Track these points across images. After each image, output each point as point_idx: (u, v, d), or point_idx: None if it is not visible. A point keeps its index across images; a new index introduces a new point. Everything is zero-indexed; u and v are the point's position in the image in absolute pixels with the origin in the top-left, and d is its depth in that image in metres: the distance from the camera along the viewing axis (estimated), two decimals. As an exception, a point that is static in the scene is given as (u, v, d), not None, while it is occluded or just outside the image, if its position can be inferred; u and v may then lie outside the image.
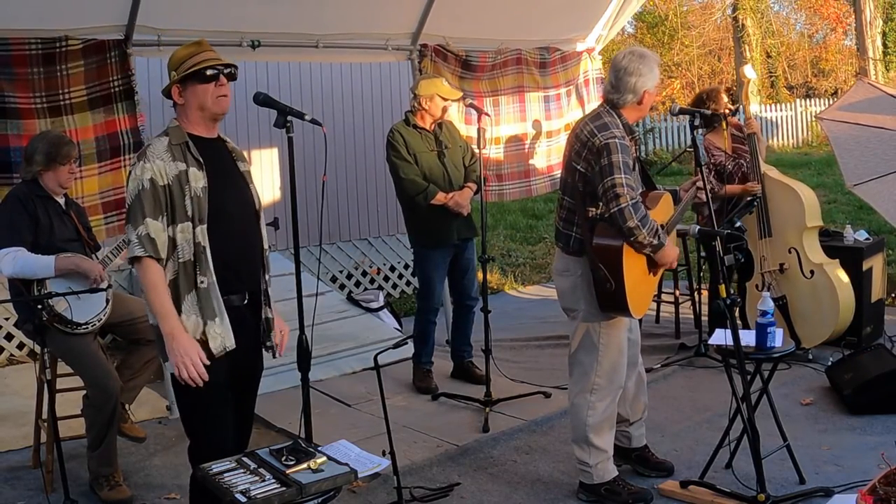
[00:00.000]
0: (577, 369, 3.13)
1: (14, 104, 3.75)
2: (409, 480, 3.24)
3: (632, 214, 2.84)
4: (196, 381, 2.32)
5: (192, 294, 2.40)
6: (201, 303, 2.39)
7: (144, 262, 2.34)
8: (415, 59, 5.17)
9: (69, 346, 3.27)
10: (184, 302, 2.39)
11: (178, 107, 2.50)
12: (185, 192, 2.39)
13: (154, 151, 2.39)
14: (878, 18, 16.35)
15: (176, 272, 2.39)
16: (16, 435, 3.87)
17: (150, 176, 2.36)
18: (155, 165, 2.37)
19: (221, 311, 2.42)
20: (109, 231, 4.04)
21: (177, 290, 2.39)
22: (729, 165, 4.59)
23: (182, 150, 2.42)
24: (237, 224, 2.50)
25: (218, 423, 2.47)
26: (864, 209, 7.80)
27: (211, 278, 2.40)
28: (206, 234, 2.40)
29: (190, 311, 2.39)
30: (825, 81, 20.62)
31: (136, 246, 2.34)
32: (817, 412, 3.87)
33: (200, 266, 2.39)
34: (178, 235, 2.38)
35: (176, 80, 2.45)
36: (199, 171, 2.42)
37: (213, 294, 2.40)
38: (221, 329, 2.41)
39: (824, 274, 4.43)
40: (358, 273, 6.45)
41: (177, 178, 2.38)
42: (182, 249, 2.39)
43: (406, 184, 4.24)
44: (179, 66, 2.45)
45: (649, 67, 2.97)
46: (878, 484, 2.34)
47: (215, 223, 2.42)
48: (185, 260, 2.39)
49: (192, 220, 2.39)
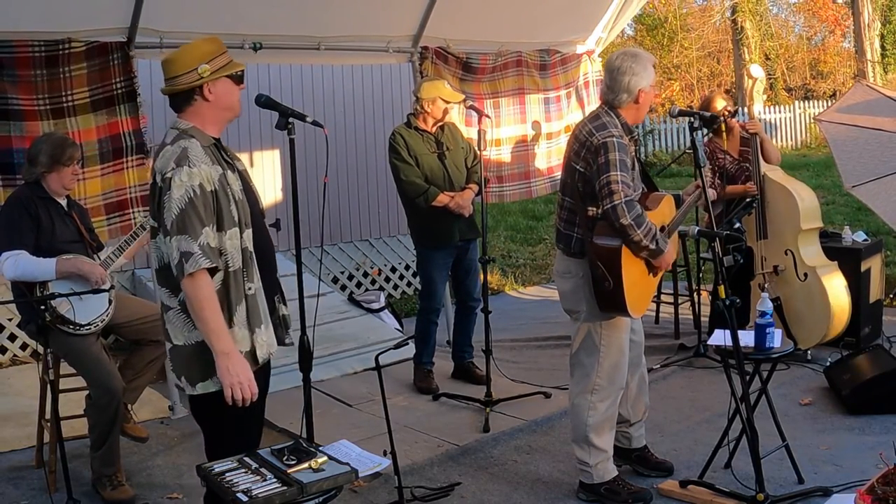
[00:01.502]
0: (579, 370, 3.15)
1: (17, 106, 3.77)
2: (409, 480, 3.26)
3: (625, 212, 2.84)
4: (247, 403, 2.23)
5: (242, 304, 2.29)
6: (249, 311, 2.30)
7: (199, 275, 2.17)
8: (416, 61, 5.19)
9: (72, 347, 3.28)
10: (235, 314, 2.27)
11: (192, 105, 2.31)
12: (230, 197, 2.27)
13: (196, 155, 2.23)
14: (876, 21, 16.39)
15: (224, 282, 2.25)
16: (19, 435, 3.88)
17: (199, 181, 2.20)
18: (202, 170, 2.22)
19: (267, 317, 2.36)
20: (112, 232, 4.06)
21: (228, 301, 2.26)
22: (731, 168, 4.60)
23: (213, 152, 2.31)
24: (262, 226, 2.44)
25: (249, 431, 2.40)
26: (862, 210, 7.82)
27: (258, 283, 2.33)
28: (252, 239, 2.32)
29: (241, 324, 2.28)
30: (824, 83, 20.64)
31: (201, 257, 2.17)
32: (816, 412, 3.89)
33: (248, 272, 2.29)
34: (227, 243, 2.25)
35: (215, 75, 2.27)
36: (233, 173, 2.34)
37: (259, 300, 2.33)
38: (267, 336, 2.35)
39: (817, 277, 4.43)
40: (359, 274, 6.47)
41: (220, 183, 2.27)
42: (232, 258, 2.26)
43: (407, 186, 4.26)
44: (211, 59, 2.28)
45: (643, 66, 2.99)
46: (876, 484, 2.35)
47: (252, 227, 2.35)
48: (236, 268, 2.27)
49: (240, 225, 2.28)
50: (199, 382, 2.28)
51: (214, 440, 2.40)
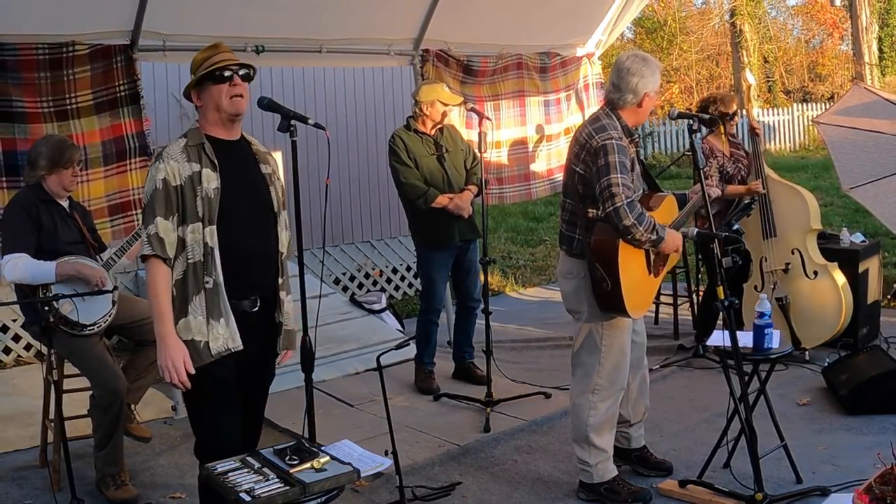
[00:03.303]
0: (580, 370, 3.17)
1: (21, 108, 3.79)
2: (411, 480, 3.28)
3: (627, 213, 2.86)
4: (178, 387, 2.39)
5: (200, 294, 2.41)
6: (207, 303, 2.41)
7: (151, 261, 2.38)
8: (417, 63, 5.21)
9: (75, 348, 3.29)
10: (191, 302, 2.41)
11: (198, 109, 2.53)
12: (197, 193, 2.40)
13: (170, 152, 2.42)
14: (873, 24, 16.42)
15: (184, 272, 2.41)
16: (23, 435, 3.90)
17: (163, 176, 2.38)
18: (169, 166, 2.39)
19: (227, 312, 2.43)
20: (115, 234, 4.07)
21: (185, 290, 2.41)
22: (729, 168, 4.63)
23: (198, 151, 2.45)
24: (250, 227, 2.50)
25: (222, 422, 2.48)
26: (860, 212, 7.84)
27: (218, 279, 2.41)
28: (216, 235, 2.41)
29: (197, 312, 2.41)
30: (822, 86, 20.65)
31: (146, 244, 2.38)
32: (814, 412, 3.91)
33: (207, 266, 2.40)
34: (189, 236, 2.40)
35: (193, 83, 2.48)
36: (213, 172, 2.44)
37: (219, 294, 2.41)
38: (226, 330, 2.42)
39: (828, 275, 4.47)
40: (360, 275, 6.49)
41: (189, 179, 2.40)
42: (192, 250, 2.40)
43: (406, 188, 4.28)
44: (197, 68, 2.48)
45: (651, 71, 3.01)
46: (874, 483, 2.37)
47: (227, 225, 2.43)
48: (196, 260, 2.41)
49: (203, 221, 2.40)
50: None
51: (192, 424, 2.58)
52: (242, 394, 2.53)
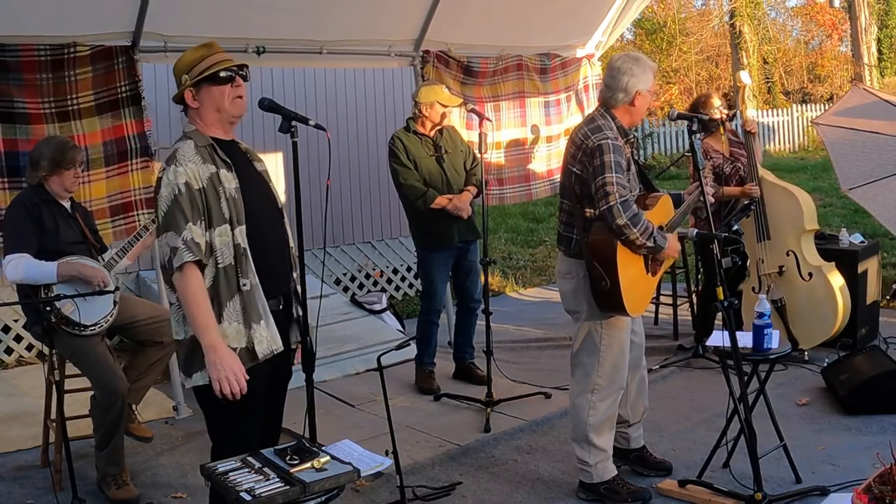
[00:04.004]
0: (579, 370, 3.18)
1: (23, 109, 3.80)
2: (411, 479, 3.29)
3: (620, 212, 2.88)
4: (236, 396, 2.26)
5: (234, 300, 2.32)
6: (245, 307, 2.32)
7: (187, 270, 2.23)
8: (417, 65, 5.22)
9: (76, 348, 3.30)
10: (225, 309, 2.30)
11: (190, 111, 2.43)
12: (220, 194, 2.32)
13: (185, 154, 2.32)
14: (872, 25, 16.44)
15: (215, 278, 2.30)
16: (25, 435, 3.91)
17: (184, 180, 2.28)
18: (189, 169, 2.29)
19: (267, 314, 2.35)
20: (117, 234, 4.08)
21: (217, 296, 2.30)
22: (726, 168, 4.65)
23: (209, 152, 2.37)
24: (267, 225, 2.45)
25: (247, 429, 2.40)
26: (859, 213, 7.85)
27: (254, 280, 2.34)
28: (245, 236, 2.34)
29: (232, 319, 2.30)
30: (821, 87, 20.67)
31: (185, 252, 2.23)
32: (813, 412, 3.92)
33: (242, 268, 2.32)
34: (217, 239, 2.30)
35: (190, 84, 2.38)
36: (230, 171, 2.37)
37: (257, 296, 2.33)
38: (268, 332, 2.35)
39: (822, 276, 4.49)
40: (361, 276, 6.50)
41: (210, 181, 2.32)
42: (221, 254, 2.30)
43: (406, 189, 4.30)
44: (191, 69, 2.39)
45: (642, 69, 3.04)
46: (873, 483, 2.37)
47: (251, 224, 2.37)
48: (226, 265, 2.31)
49: (230, 223, 2.32)
50: (193, 374, 2.34)
51: (211, 431, 2.45)
52: (266, 397, 2.47)
